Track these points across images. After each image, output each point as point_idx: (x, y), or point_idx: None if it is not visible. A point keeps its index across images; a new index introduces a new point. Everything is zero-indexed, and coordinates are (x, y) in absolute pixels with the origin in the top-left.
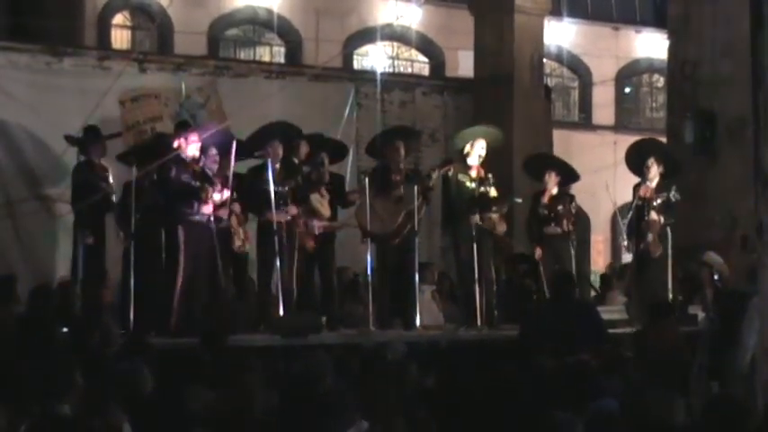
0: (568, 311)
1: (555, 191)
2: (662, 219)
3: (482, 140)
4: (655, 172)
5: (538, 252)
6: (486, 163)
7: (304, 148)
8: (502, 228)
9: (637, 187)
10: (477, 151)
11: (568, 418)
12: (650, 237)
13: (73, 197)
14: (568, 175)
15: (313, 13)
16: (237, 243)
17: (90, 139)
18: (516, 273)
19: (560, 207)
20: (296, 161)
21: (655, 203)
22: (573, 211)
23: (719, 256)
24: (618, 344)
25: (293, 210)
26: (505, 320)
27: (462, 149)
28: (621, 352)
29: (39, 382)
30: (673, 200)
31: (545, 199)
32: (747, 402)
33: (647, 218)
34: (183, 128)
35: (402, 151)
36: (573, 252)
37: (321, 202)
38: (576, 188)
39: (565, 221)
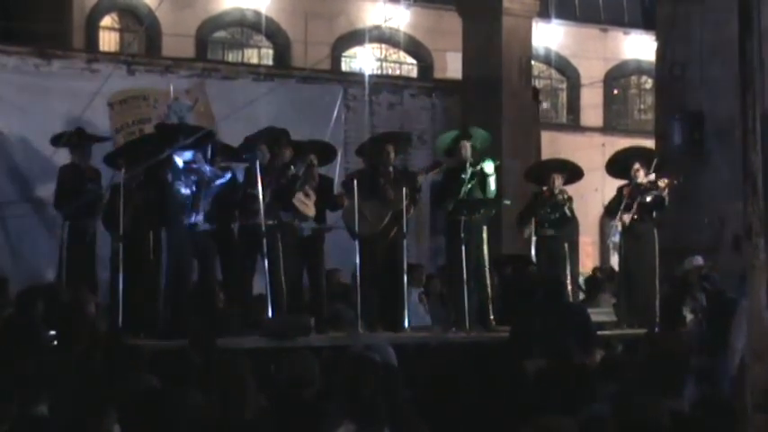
0: (559, 314)
1: (558, 192)
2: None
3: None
4: (642, 176)
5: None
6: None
7: (288, 151)
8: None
9: (622, 189)
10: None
11: (561, 420)
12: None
13: (55, 198)
14: (573, 174)
15: (301, 16)
16: None
17: (74, 142)
18: (503, 274)
19: (559, 196)
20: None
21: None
22: (567, 211)
23: (701, 258)
24: (613, 346)
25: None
26: (498, 322)
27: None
28: (617, 354)
29: (18, 382)
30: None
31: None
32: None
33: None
34: (164, 131)
35: (392, 155)
36: (567, 253)
37: (305, 202)
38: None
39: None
